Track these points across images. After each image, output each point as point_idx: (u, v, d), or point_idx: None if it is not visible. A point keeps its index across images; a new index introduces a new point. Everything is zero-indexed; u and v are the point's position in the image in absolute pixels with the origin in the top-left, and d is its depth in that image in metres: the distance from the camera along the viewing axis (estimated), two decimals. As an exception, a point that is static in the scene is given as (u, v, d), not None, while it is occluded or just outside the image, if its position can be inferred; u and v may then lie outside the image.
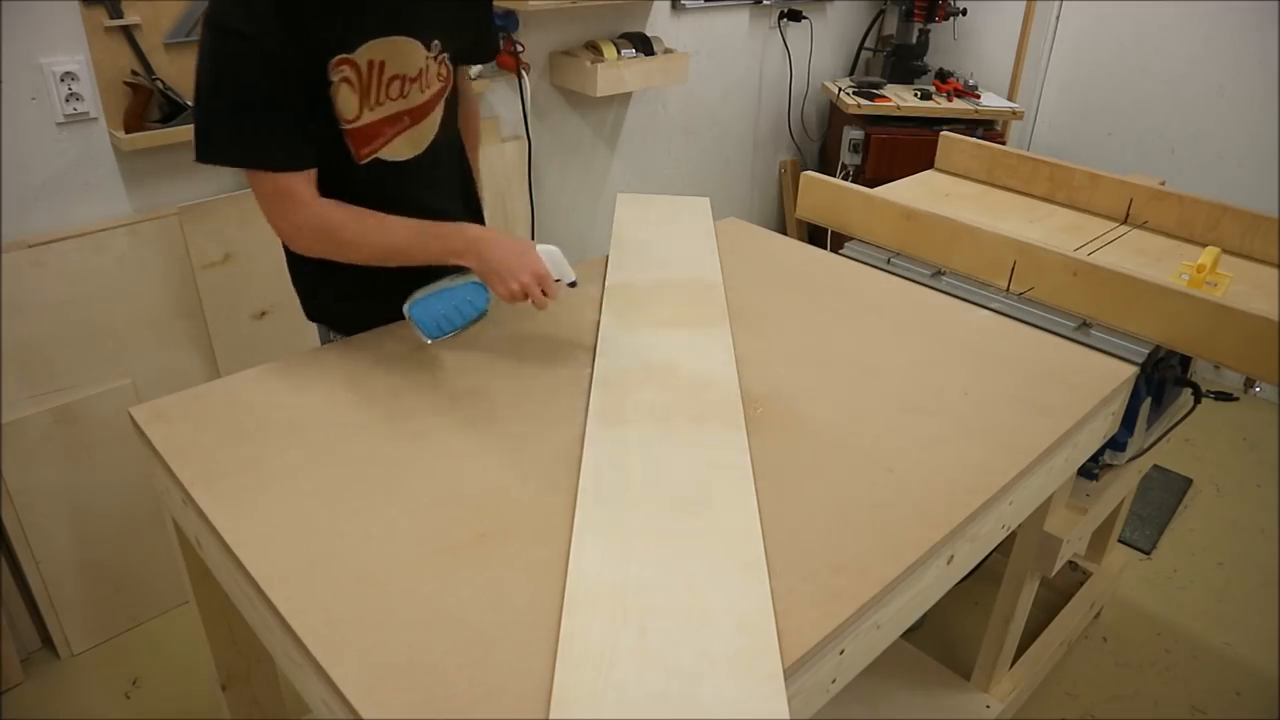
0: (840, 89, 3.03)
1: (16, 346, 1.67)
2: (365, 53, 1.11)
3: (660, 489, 0.97)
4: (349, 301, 1.32)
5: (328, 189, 1.14)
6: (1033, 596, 1.57)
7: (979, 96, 3.02)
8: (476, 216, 1.44)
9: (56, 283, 1.68)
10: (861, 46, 3.36)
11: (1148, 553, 2.28)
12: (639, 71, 2.44)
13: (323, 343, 1.40)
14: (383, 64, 1.14)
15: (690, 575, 0.86)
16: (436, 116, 1.25)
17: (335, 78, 1.10)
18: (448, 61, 1.24)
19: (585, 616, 0.81)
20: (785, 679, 0.78)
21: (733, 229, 1.75)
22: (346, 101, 1.13)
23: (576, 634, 0.79)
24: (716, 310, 1.37)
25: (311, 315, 1.39)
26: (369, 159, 1.19)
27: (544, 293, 1.16)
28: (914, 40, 3.13)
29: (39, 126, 1.62)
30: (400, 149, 1.22)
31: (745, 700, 0.73)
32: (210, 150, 1.09)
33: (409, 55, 1.17)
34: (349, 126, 1.15)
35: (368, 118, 1.16)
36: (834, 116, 3.19)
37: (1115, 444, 1.41)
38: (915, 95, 3.00)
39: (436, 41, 1.20)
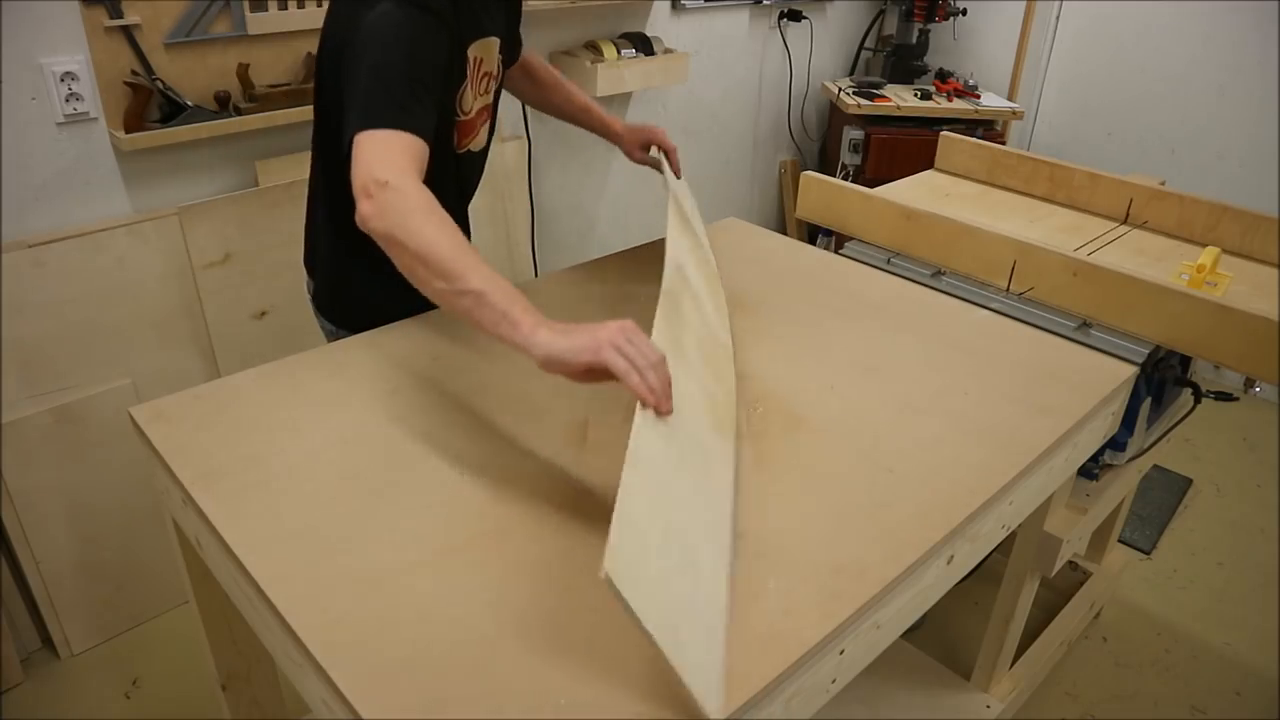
0: (840, 89, 3.03)
1: (16, 346, 1.67)
2: (474, 49, 1.20)
3: (684, 457, 0.92)
4: (370, 295, 1.33)
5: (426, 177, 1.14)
6: (1033, 596, 1.57)
7: (979, 96, 3.02)
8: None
9: (56, 283, 1.68)
10: (861, 46, 3.36)
11: (1148, 553, 2.28)
12: (639, 71, 2.44)
13: (328, 339, 1.40)
14: (481, 60, 1.23)
15: (693, 533, 0.84)
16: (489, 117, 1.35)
17: (469, 69, 1.19)
18: (502, 64, 1.33)
19: (640, 481, 0.77)
20: (785, 679, 0.78)
21: (733, 229, 1.74)
22: (465, 94, 1.22)
23: (635, 491, 0.75)
24: (721, 298, 1.37)
25: (322, 305, 1.40)
26: (463, 150, 1.28)
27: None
28: (914, 40, 3.13)
29: (39, 126, 1.62)
30: (480, 141, 1.32)
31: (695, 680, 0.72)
32: (369, 118, 1.01)
33: (492, 53, 1.26)
34: (463, 118, 1.23)
35: (473, 109, 1.25)
36: (834, 116, 3.19)
37: (1115, 444, 1.41)
38: (915, 95, 3.00)
39: (500, 42, 1.28)
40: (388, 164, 0.98)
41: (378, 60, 1.04)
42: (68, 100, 1.63)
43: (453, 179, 1.30)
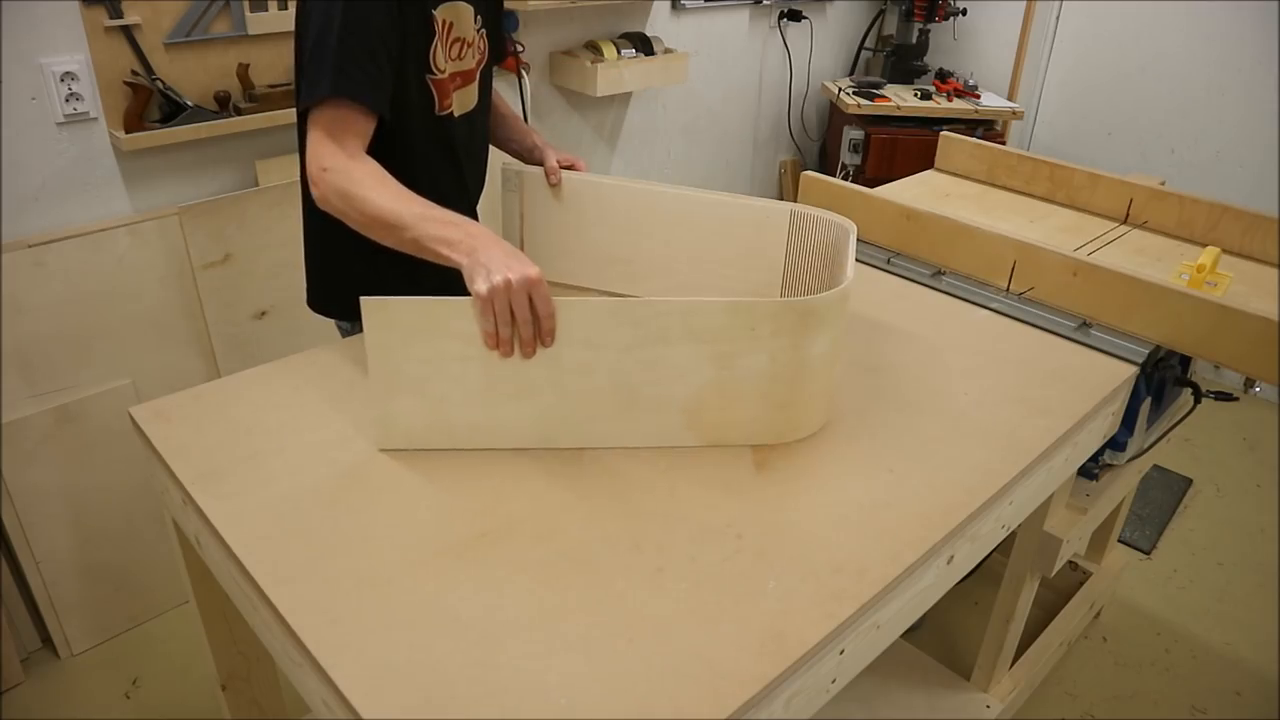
0: (840, 89, 3.03)
1: (16, 346, 1.67)
2: (442, 11, 1.22)
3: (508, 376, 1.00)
4: (361, 283, 1.32)
5: (408, 138, 1.23)
6: (1033, 596, 1.57)
7: (979, 96, 3.02)
8: (472, 210, 1.45)
9: (56, 283, 1.68)
10: (861, 46, 3.36)
11: (1148, 553, 2.28)
12: (639, 71, 2.44)
13: (343, 336, 1.39)
14: (451, 24, 1.24)
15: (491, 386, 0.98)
16: (476, 86, 1.35)
17: (437, 29, 1.21)
18: (485, 38, 1.33)
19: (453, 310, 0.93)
20: (785, 679, 0.78)
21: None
22: (436, 52, 1.23)
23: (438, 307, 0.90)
24: None
25: (317, 301, 1.39)
26: (444, 112, 1.28)
27: (532, 305, 0.95)
28: (914, 40, 3.13)
29: (39, 126, 1.62)
30: (461, 106, 1.31)
31: None
32: (310, 89, 1.07)
33: (466, 21, 1.27)
34: (437, 77, 1.24)
35: (446, 71, 1.26)
36: (834, 116, 3.19)
37: (1115, 444, 1.41)
38: (915, 95, 3.00)
39: (479, 16, 1.29)
40: (325, 148, 1.07)
41: (320, 23, 1.08)
42: (68, 100, 1.63)
43: (437, 140, 1.29)
